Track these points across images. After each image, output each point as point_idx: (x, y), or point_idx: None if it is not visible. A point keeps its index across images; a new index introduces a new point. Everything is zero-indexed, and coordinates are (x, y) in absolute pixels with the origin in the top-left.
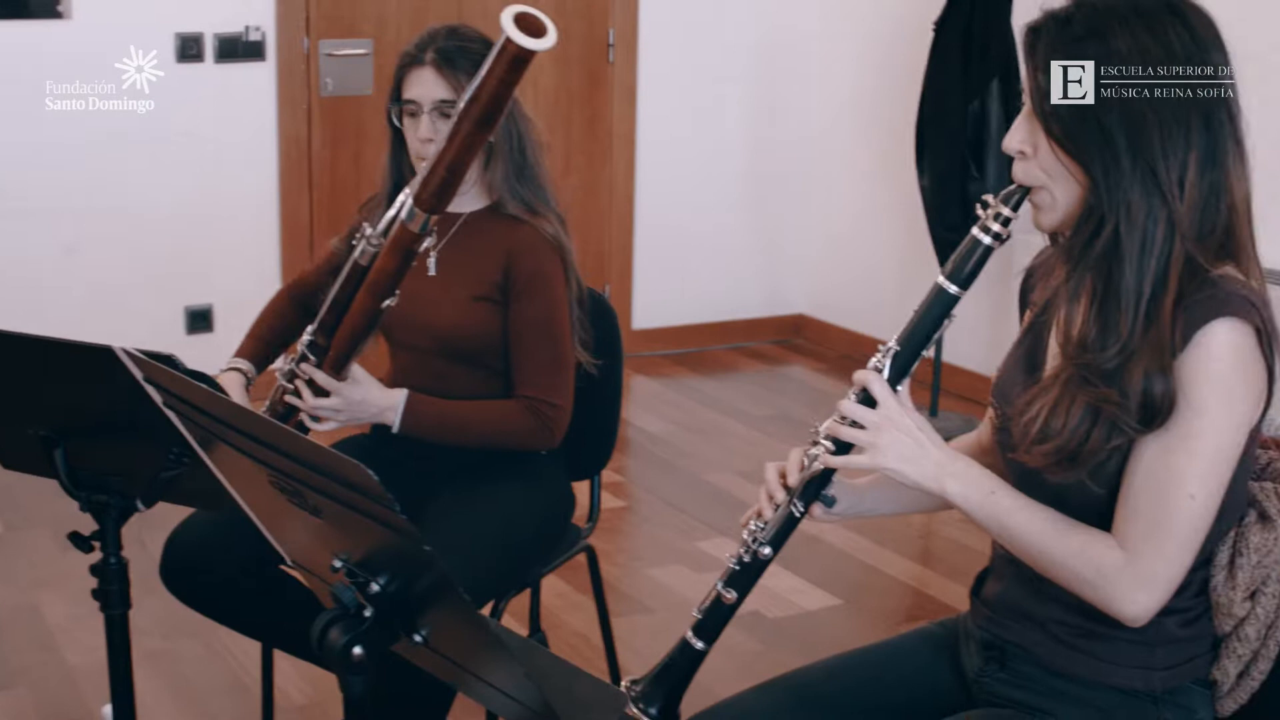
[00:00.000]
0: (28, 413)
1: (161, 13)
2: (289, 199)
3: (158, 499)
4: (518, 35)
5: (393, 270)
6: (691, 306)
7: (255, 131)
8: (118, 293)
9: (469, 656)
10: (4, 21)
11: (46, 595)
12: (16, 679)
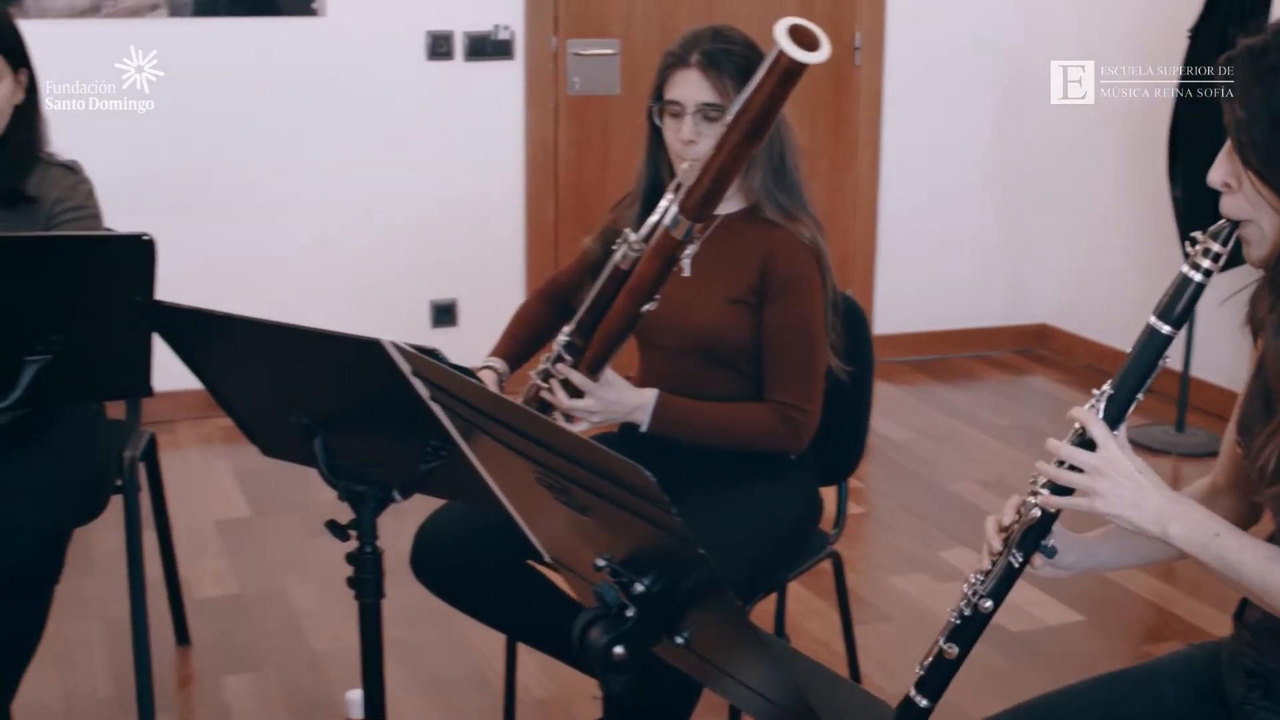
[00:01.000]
0: (290, 402)
1: (413, 11)
2: (534, 197)
3: (415, 491)
4: (791, 48)
5: (653, 275)
6: (933, 313)
7: (502, 130)
8: (366, 285)
9: (730, 659)
10: (260, 19)
11: (293, 580)
12: (263, 661)
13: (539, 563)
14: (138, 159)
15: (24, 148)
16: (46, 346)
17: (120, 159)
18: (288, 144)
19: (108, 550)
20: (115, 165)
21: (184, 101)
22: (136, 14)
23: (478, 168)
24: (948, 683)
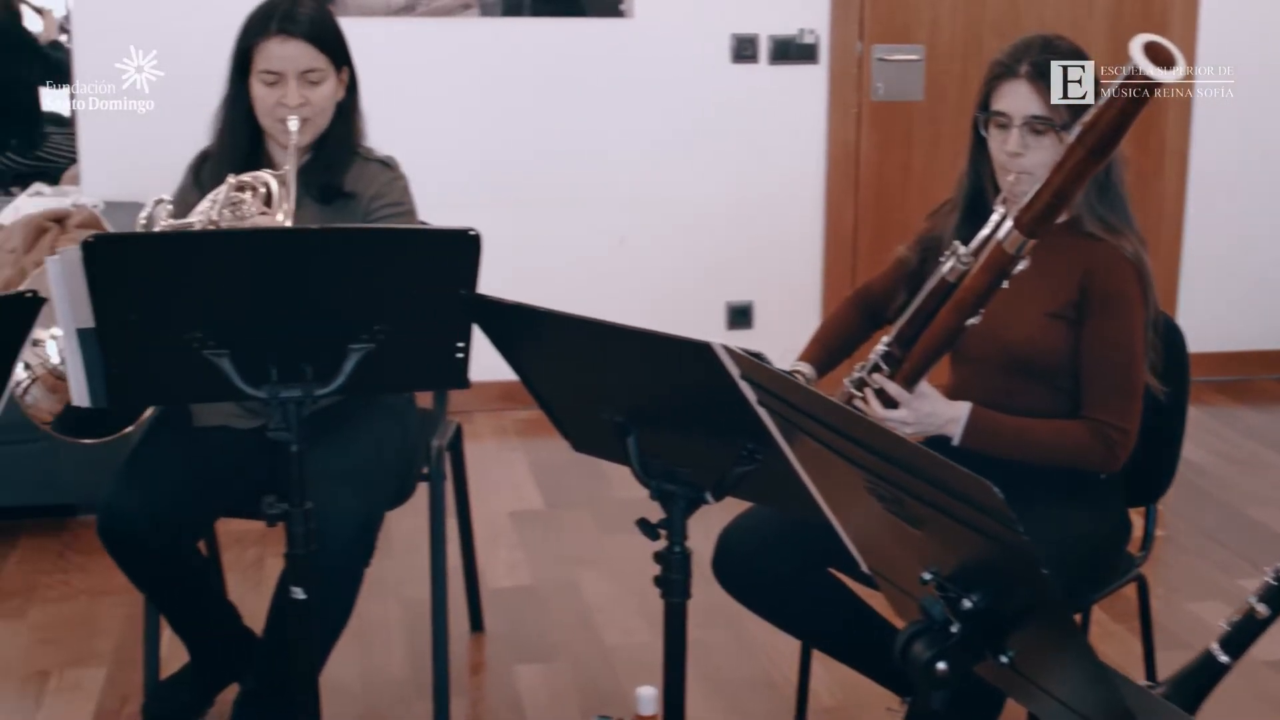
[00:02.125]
0: (605, 399)
1: (719, 14)
2: (834, 202)
3: (727, 493)
4: (1148, 66)
5: (982, 290)
6: (1238, 333)
7: (804, 134)
8: (663, 284)
9: (1055, 679)
10: (568, 20)
11: (586, 574)
12: (556, 653)
13: (840, 570)
14: (447, 155)
15: (343, 144)
16: (370, 336)
17: (431, 154)
18: (591, 143)
19: (407, 535)
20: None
21: (490, 100)
22: (449, 13)
23: (778, 171)
24: (1251, 642)
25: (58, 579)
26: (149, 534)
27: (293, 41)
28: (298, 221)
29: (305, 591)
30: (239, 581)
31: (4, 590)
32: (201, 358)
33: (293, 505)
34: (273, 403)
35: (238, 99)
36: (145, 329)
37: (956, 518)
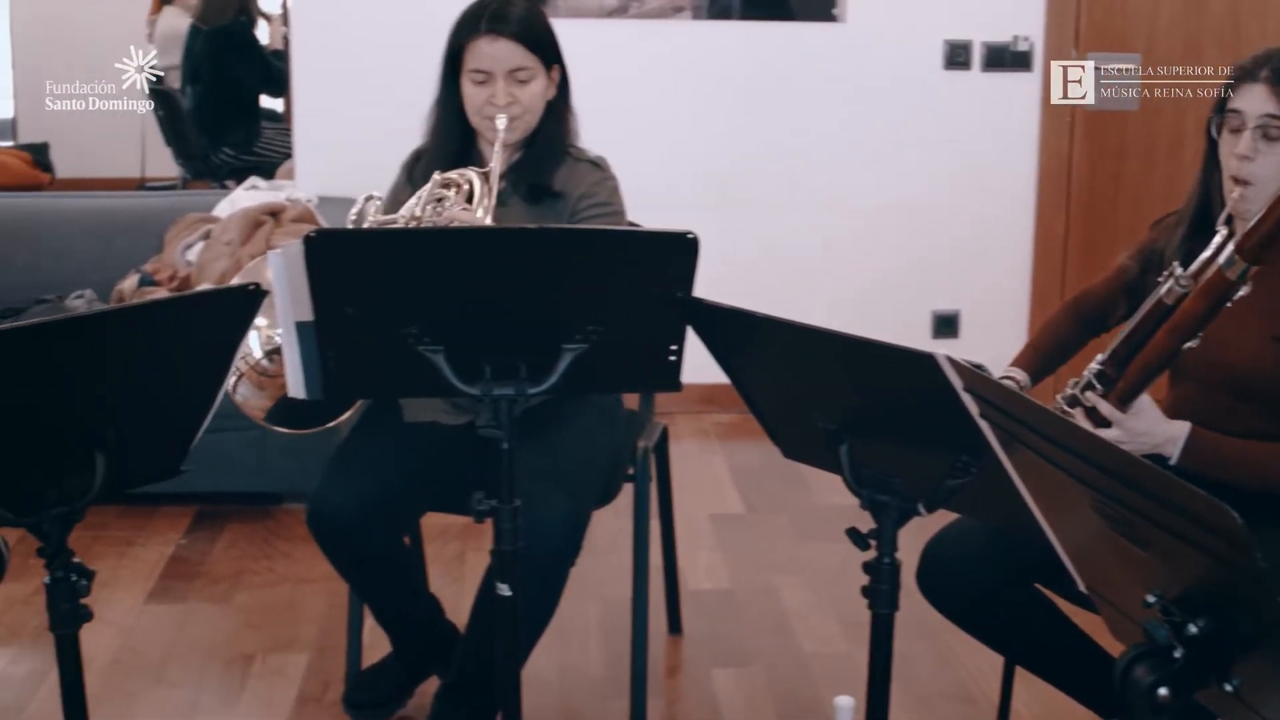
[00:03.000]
0: (818, 406)
1: (932, 20)
2: (1045, 212)
3: (940, 505)
4: None
5: (1200, 314)
6: None
7: (1016, 142)
8: (869, 290)
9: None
10: (779, 23)
11: (784, 580)
12: (752, 658)
13: (1046, 585)
14: (655, 156)
15: (553, 142)
16: (584, 336)
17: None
18: (798, 147)
19: (608, 534)
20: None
21: (699, 102)
22: (661, 16)
23: (988, 179)
24: None
25: (264, 565)
26: (357, 526)
27: (501, 41)
28: (504, 220)
29: (511, 588)
30: (440, 575)
31: (212, 574)
32: (416, 353)
33: (501, 502)
34: (485, 400)
35: (449, 98)
36: (362, 323)
37: (1190, 541)
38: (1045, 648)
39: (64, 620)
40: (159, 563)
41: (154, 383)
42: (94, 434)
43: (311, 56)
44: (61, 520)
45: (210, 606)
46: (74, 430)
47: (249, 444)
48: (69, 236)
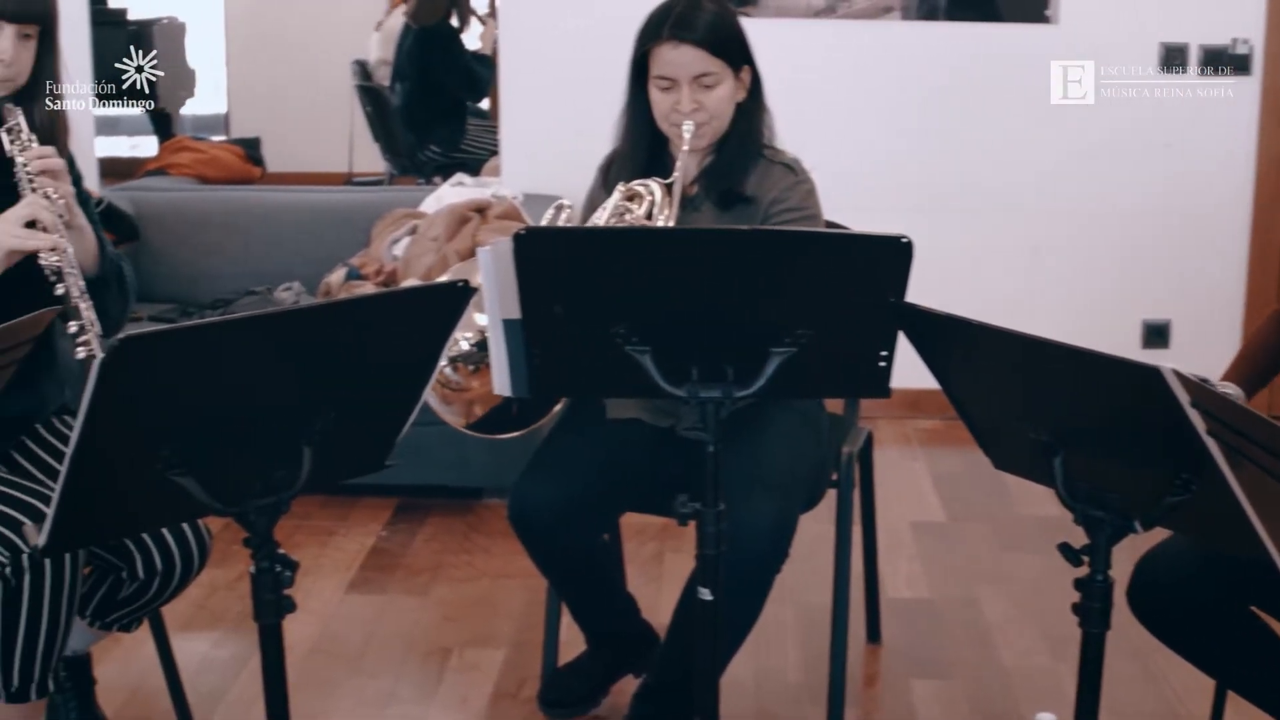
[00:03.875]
0: (1032, 417)
1: (1148, 22)
2: (1262, 220)
3: (1158, 523)
4: None
5: None
6: None
7: (1232, 148)
8: (1077, 297)
9: None
10: (988, 25)
11: (985, 591)
12: (952, 670)
13: (1263, 608)
14: (859, 158)
15: (744, 145)
16: (793, 340)
17: (843, 157)
18: (1006, 151)
19: (807, 539)
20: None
21: (905, 104)
22: (869, 16)
23: (1203, 185)
24: None
25: (463, 559)
26: (558, 522)
27: (685, 47)
28: (691, 226)
29: (713, 593)
30: (638, 574)
31: (412, 567)
32: (623, 353)
33: (706, 506)
34: (692, 402)
35: (637, 103)
36: (570, 322)
37: None
38: (1259, 672)
39: (268, 610)
40: (360, 553)
41: (363, 377)
42: (303, 427)
43: (518, 56)
44: (268, 511)
45: (409, 599)
46: (283, 423)
47: (451, 438)
48: (279, 229)
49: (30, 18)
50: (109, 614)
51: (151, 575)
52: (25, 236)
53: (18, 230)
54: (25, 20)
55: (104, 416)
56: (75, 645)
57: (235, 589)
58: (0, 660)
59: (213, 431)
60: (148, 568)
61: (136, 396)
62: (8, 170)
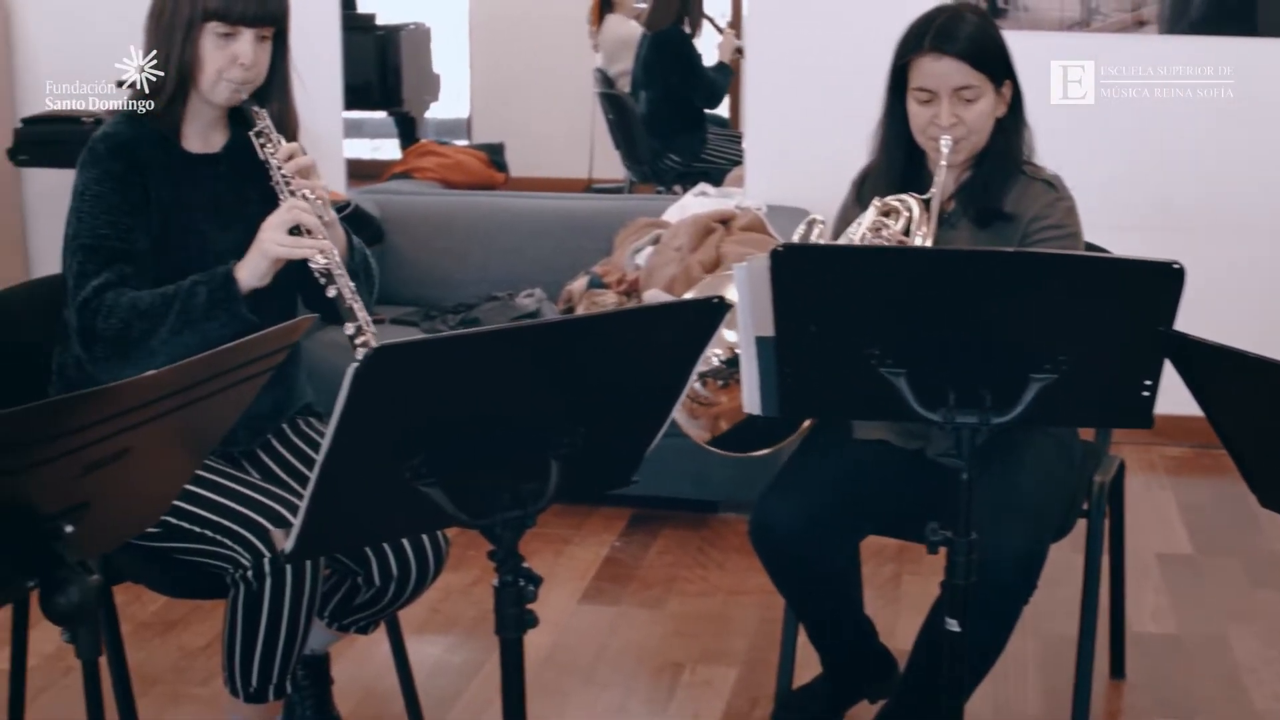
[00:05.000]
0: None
1: None
2: None
3: None
4: None
5: None
6: None
7: None
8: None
9: None
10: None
11: (1236, 628)
12: (1199, 711)
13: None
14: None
15: (1003, 162)
16: (1054, 366)
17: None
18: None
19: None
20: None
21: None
22: (1123, 29)
23: None
24: None
25: (697, 574)
26: (800, 542)
27: (946, 59)
28: (950, 244)
29: (960, 623)
30: (874, 596)
31: (646, 579)
32: (877, 375)
33: (957, 534)
34: (947, 427)
35: (894, 116)
36: (824, 341)
37: None
38: None
39: (510, 624)
40: (594, 563)
41: (614, 392)
42: (552, 441)
43: (764, 67)
44: (514, 525)
45: (642, 611)
46: (533, 436)
47: (688, 451)
48: (521, 235)
49: (267, 20)
50: (346, 617)
51: (388, 581)
52: (292, 244)
53: (283, 237)
54: (263, 23)
55: (356, 425)
56: (314, 645)
57: (469, 594)
58: (240, 661)
59: (462, 443)
60: (384, 574)
61: (389, 406)
62: (262, 173)
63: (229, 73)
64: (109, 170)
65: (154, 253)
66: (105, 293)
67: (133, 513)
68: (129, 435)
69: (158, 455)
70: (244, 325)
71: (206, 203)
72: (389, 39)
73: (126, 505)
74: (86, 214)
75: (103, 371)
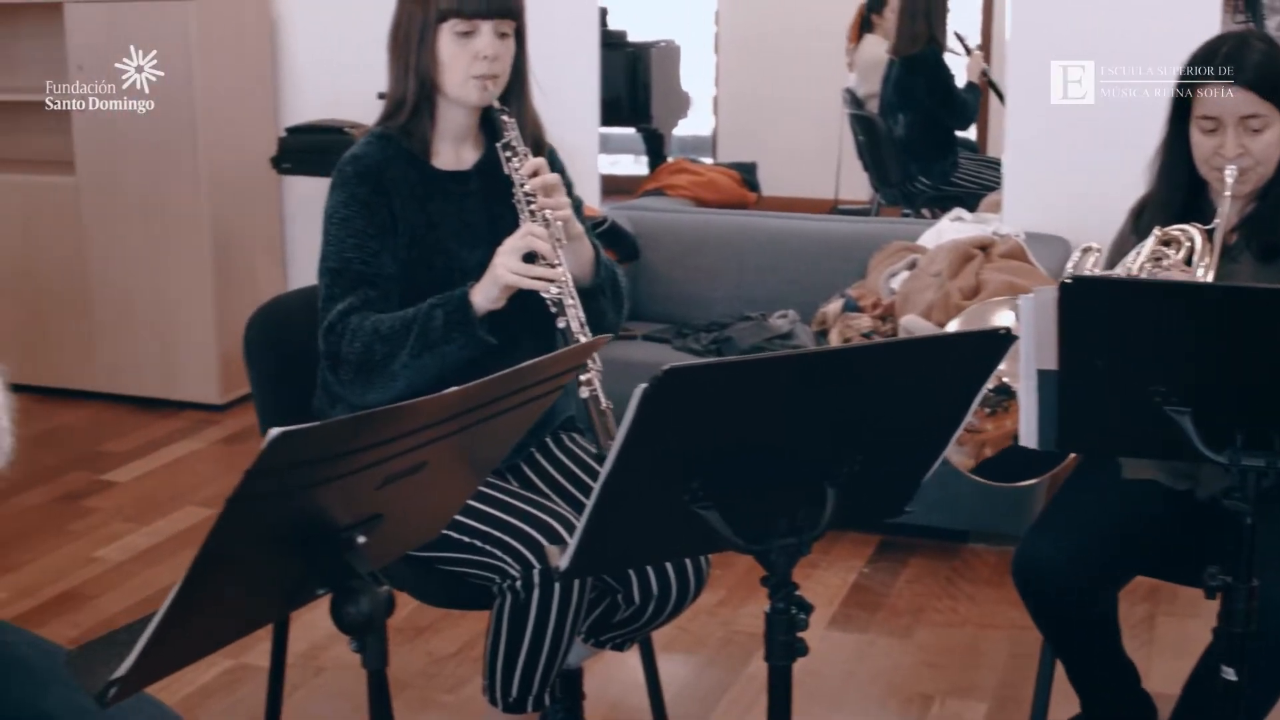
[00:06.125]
0: None
1: None
2: None
3: None
4: None
5: None
6: None
7: None
8: None
9: None
10: None
11: None
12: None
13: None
14: None
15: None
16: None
17: None
18: None
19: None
20: None
21: None
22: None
23: None
24: None
25: (946, 604)
26: (1065, 581)
27: (1233, 88)
28: (1231, 279)
29: (1236, 672)
30: (1127, 638)
31: (895, 607)
32: (1160, 413)
33: (1237, 580)
34: (1233, 469)
35: (1175, 144)
36: (1109, 377)
37: None
38: None
39: (780, 652)
40: (842, 589)
41: (895, 421)
42: (830, 467)
43: (1025, 94)
44: (789, 552)
45: (891, 640)
46: (811, 462)
47: (939, 477)
48: (773, 255)
49: (505, 13)
50: (603, 633)
51: (647, 600)
52: (524, 271)
53: (516, 264)
54: (502, 16)
55: (640, 445)
56: (570, 660)
57: (716, 614)
58: (502, 671)
59: (742, 466)
60: (644, 592)
61: (674, 427)
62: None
63: (474, 68)
64: (355, 194)
65: (401, 273)
66: (349, 317)
67: (418, 526)
68: (428, 449)
69: (449, 470)
70: (481, 347)
71: (455, 221)
72: (639, 56)
73: (414, 519)
74: (334, 237)
75: (349, 393)
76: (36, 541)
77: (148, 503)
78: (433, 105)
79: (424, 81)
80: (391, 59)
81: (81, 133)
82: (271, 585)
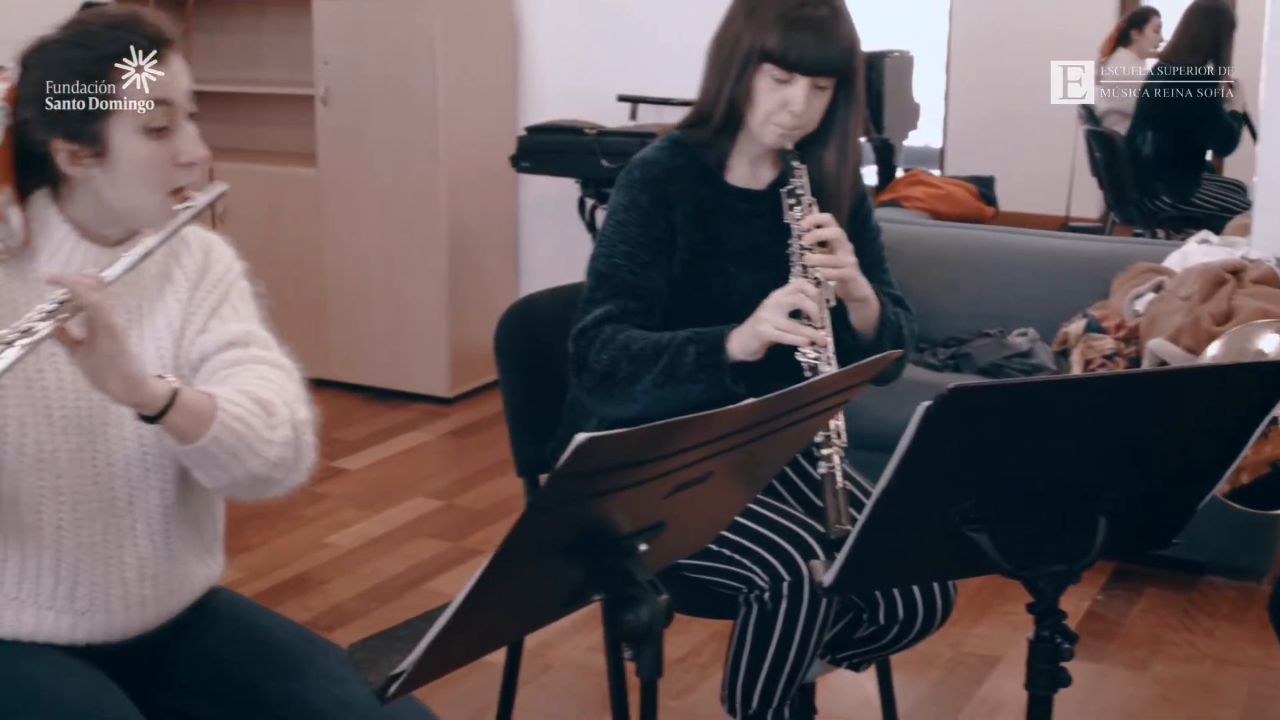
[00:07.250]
0: None
1: None
2: None
3: None
4: None
5: None
6: None
7: None
8: None
9: None
10: None
11: None
12: None
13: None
14: None
15: None
16: None
17: None
18: None
19: None
20: None
21: None
22: None
23: None
24: None
25: (1183, 637)
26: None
27: None
28: None
29: None
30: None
31: (1129, 638)
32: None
33: None
34: None
35: None
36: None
37: None
38: None
39: (1043, 681)
40: (1075, 616)
41: (1174, 449)
42: (1103, 495)
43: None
44: (1057, 579)
45: (1127, 672)
46: (1084, 489)
47: None
48: (1011, 271)
49: (826, 71)
50: (842, 650)
51: (892, 622)
52: (787, 329)
53: (780, 320)
54: (820, 74)
55: (917, 463)
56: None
57: (946, 634)
58: (743, 682)
59: (1015, 489)
60: (889, 615)
61: (952, 446)
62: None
63: (777, 117)
64: (636, 199)
65: (672, 290)
66: (605, 325)
67: (693, 537)
68: (717, 460)
69: (730, 482)
70: (726, 395)
71: (740, 240)
72: (873, 66)
73: (692, 529)
74: (608, 239)
75: (587, 399)
76: (269, 523)
77: (378, 491)
78: (736, 130)
79: (733, 107)
80: (709, 68)
81: (324, 126)
82: (553, 588)
